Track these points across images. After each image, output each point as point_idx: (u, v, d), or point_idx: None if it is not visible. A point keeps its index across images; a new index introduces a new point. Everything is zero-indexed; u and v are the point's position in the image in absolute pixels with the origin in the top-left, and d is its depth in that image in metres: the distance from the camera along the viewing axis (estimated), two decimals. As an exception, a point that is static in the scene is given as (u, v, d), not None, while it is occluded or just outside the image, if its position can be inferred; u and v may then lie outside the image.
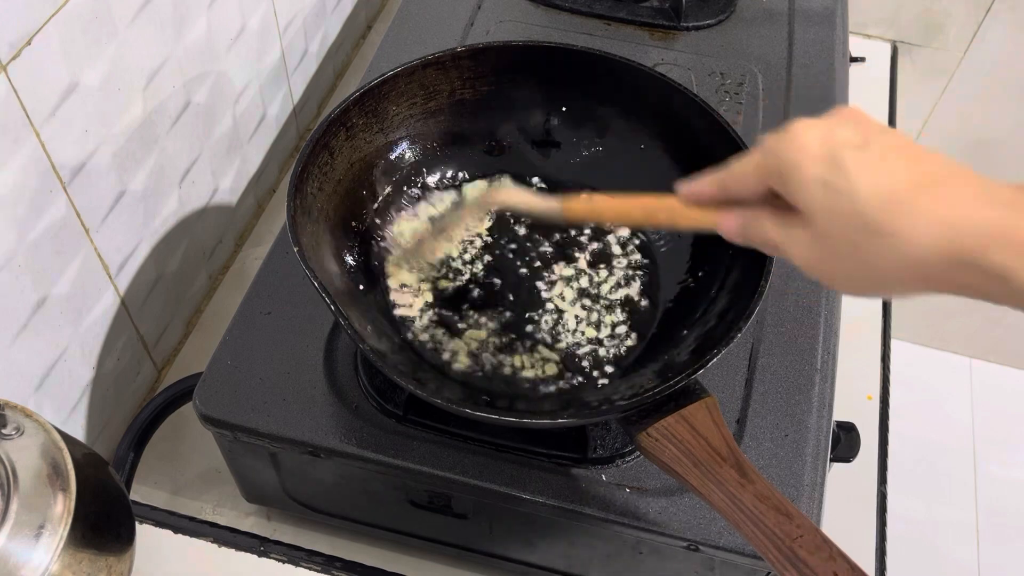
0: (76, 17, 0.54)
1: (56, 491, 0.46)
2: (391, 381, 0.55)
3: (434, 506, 0.58)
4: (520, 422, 0.52)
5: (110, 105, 0.60)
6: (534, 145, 0.69)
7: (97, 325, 0.65)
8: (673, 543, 0.54)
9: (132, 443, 0.65)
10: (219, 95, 0.74)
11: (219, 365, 0.59)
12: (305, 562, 0.60)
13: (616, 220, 0.50)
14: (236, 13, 0.74)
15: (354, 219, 0.62)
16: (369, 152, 0.63)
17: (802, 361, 0.61)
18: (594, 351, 0.59)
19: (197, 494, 0.69)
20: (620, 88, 0.65)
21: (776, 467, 0.56)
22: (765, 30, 0.86)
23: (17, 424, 0.47)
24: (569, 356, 0.59)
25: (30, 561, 0.44)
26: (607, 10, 0.86)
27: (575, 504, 0.54)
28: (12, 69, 0.50)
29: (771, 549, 0.42)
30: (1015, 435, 1.63)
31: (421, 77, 0.64)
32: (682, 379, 0.48)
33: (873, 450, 0.74)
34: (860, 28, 1.15)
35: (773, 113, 0.77)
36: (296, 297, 0.62)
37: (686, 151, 0.64)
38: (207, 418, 0.57)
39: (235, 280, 0.83)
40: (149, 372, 0.75)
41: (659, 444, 0.48)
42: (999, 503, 1.54)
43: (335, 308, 0.50)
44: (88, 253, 0.62)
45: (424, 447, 0.56)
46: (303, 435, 0.56)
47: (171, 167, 0.70)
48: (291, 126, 0.91)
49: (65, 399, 0.63)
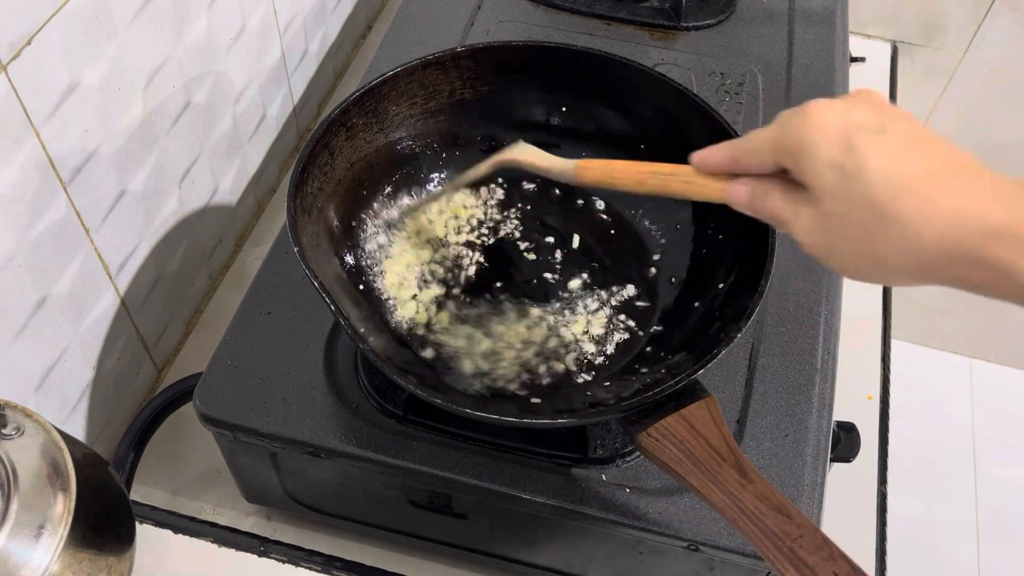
0: (76, 17, 0.54)
1: (56, 491, 0.46)
2: (391, 381, 0.55)
3: (434, 506, 0.58)
4: (520, 422, 0.52)
5: (110, 105, 0.60)
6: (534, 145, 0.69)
7: (97, 325, 0.65)
8: (673, 543, 0.54)
9: (132, 443, 0.65)
10: (219, 95, 0.74)
11: (219, 365, 0.59)
12: (305, 562, 0.60)
13: (629, 186, 0.50)
14: (236, 13, 0.74)
15: (354, 219, 0.62)
16: (369, 152, 0.63)
17: (802, 361, 0.61)
18: (597, 351, 0.59)
19: (197, 494, 0.69)
20: (620, 88, 0.65)
21: (776, 467, 0.56)
22: (765, 30, 0.86)
23: (17, 424, 0.47)
24: (571, 356, 0.59)
25: (30, 561, 0.44)
26: (607, 10, 0.86)
27: (575, 504, 0.54)
28: (12, 69, 0.50)
29: (771, 549, 0.42)
30: (1015, 435, 1.63)
31: (421, 77, 0.64)
32: (682, 379, 0.48)
33: (873, 450, 0.74)
34: (860, 28, 1.15)
35: (773, 113, 0.76)
36: (296, 297, 0.62)
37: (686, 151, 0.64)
38: (207, 418, 0.57)
39: (235, 280, 0.83)
40: (149, 372, 0.75)
41: (659, 444, 0.48)
42: (999, 503, 1.54)
43: (335, 308, 0.50)
44: (88, 253, 0.62)
45: (424, 447, 0.56)
46: (303, 435, 0.56)
47: (171, 167, 0.70)
48: (291, 126, 0.91)
49: (65, 399, 0.63)
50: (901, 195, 0.36)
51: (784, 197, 0.41)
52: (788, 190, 0.41)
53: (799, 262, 0.66)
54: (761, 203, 0.43)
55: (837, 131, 0.38)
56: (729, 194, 0.45)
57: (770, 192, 0.42)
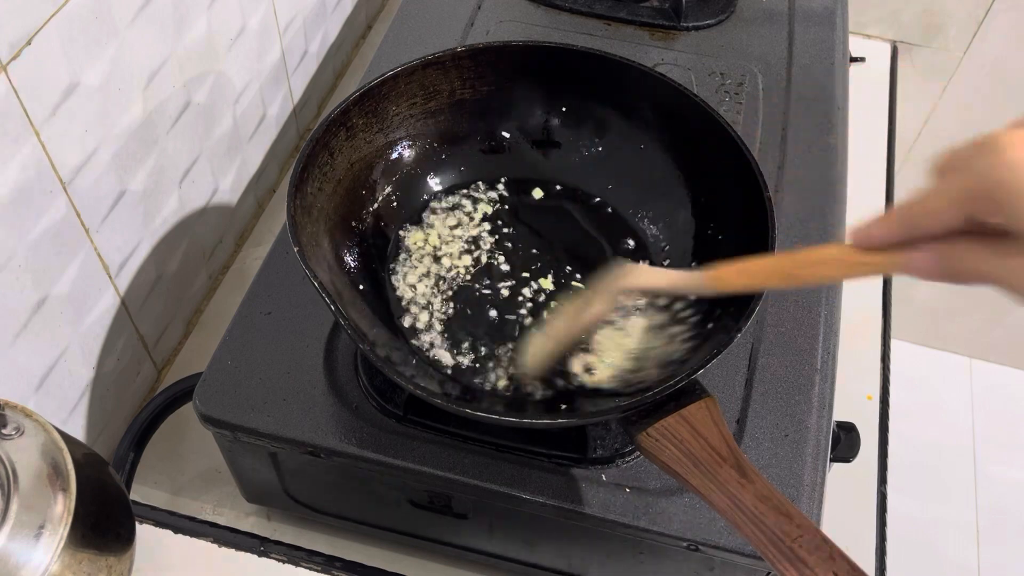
0: (76, 17, 0.54)
1: (56, 491, 0.46)
2: (391, 381, 0.55)
3: (434, 506, 0.58)
4: (520, 422, 0.52)
5: (110, 105, 0.60)
6: (534, 145, 0.69)
7: (97, 325, 0.65)
8: (673, 543, 0.54)
9: (132, 443, 0.65)
10: (219, 95, 0.74)
11: (219, 365, 0.59)
12: (305, 562, 0.60)
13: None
14: (236, 13, 0.74)
15: (354, 219, 0.62)
16: (369, 152, 0.63)
17: (802, 361, 0.61)
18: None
19: (197, 494, 0.69)
20: (620, 88, 0.65)
21: (776, 467, 0.56)
22: (765, 30, 0.86)
23: (17, 424, 0.47)
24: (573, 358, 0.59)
25: (30, 561, 0.44)
26: (607, 10, 0.86)
27: (575, 504, 0.54)
28: (12, 69, 0.50)
29: (771, 549, 0.42)
30: (1015, 435, 1.63)
31: (421, 77, 0.64)
32: (682, 379, 0.48)
33: (873, 450, 0.74)
34: (860, 28, 1.15)
35: (773, 113, 0.77)
36: (296, 297, 0.62)
37: (686, 151, 0.64)
38: (207, 418, 0.57)
39: (235, 280, 0.83)
40: (149, 372, 0.75)
41: (659, 444, 0.48)
42: (999, 503, 1.54)
43: (335, 308, 0.50)
44: (88, 253, 0.62)
45: (424, 447, 0.56)
46: (303, 435, 0.56)
47: (171, 167, 0.70)
48: (291, 126, 0.91)
49: (65, 399, 0.63)
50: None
51: (985, 253, 0.35)
52: (986, 244, 0.35)
53: (799, 262, 0.66)
54: (959, 267, 0.37)
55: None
56: (910, 267, 0.38)
57: (965, 253, 0.36)
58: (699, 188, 0.63)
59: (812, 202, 0.70)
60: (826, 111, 0.78)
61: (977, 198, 0.34)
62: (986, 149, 0.34)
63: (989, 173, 0.33)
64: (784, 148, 0.74)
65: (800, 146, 0.74)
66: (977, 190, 0.34)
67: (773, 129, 0.75)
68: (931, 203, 0.36)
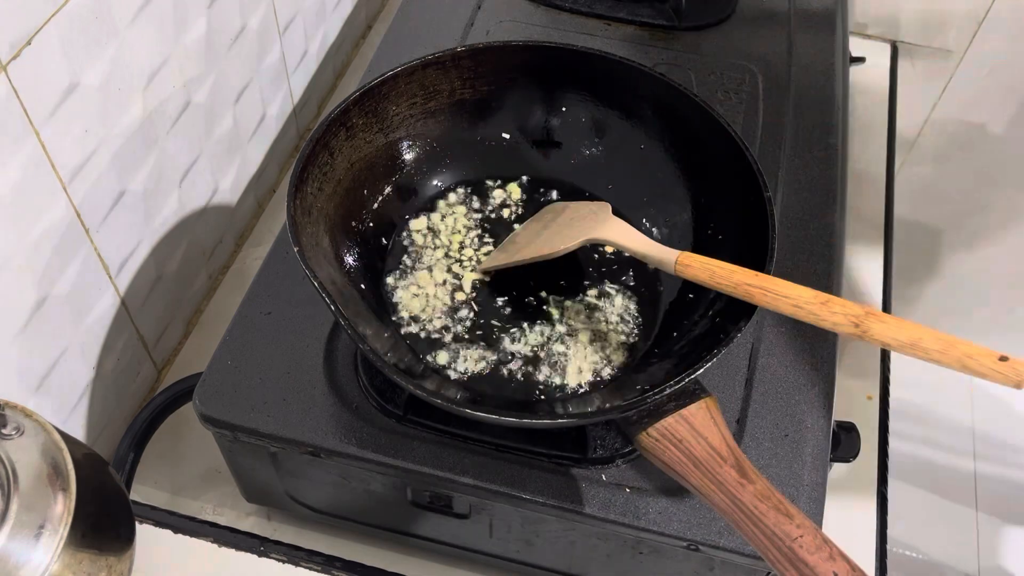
0: (76, 17, 0.54)
1: (56, 491, 0.46)
2: (391, 381, 0.55)
3: (434, 506, 0.58)
4: (520, 422, 0.52)
5: (110, 105, 0.60)
6: (534, 145, 0.69)
7: (97, 325, 0.65)
8: (673, 543, 0.54)
9: (132, 443, 0.65)
10: (219, 95, 0.74)
11: (219, 365, 0.59)
12: (305, 562, 0.60)
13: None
14: (236, 13, 0.74)
15: (354, 219, 0.62)
16: (369, 152, 0.63)
17: (802, 361, 0.61)
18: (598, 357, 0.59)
19: (197, 494, 0.69)
20: (620, 88, 0.65)
21: (776, 467, 0.56)
22: (765, 30, 0.86)
23: (17, 424, 0.47)
24: None
25: (30, 561, 0.44)
26: (607, 10, 0.86)
27: (575, 504, 0.54)
28: (12, 69, 0.50)
29: (771, 549, 0.42)
30: (1015, 435, 1.63)
31: (421, 77, 0.64)
32: (682, 379, 0.48)
33: (873, 450, 0.74)
34: (860, 28, 1.15)
35: (773, 113, 0.77)
36: (296, 297, 0.62)
37: (686, 151, 0.64)
38: (207, 418, 0.57)
39: (235, 280, 0.83)
40: (149, 372, 0.75)
41: (659, 444, 0.48)
42: (999, 502, 1.54)
43: (335, 308, 0.50)
44: (88, 253, 0.62)
45: (424, 447, 0.56)
46: (303, 435, 0.56)
47: (171, 167, 0.70)
48: (291, 126, 0.91)
49: (65, 399, 0.63)
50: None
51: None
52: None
53: (798, 262, 0.66)
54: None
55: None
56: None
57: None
58: (699, 188, 0.64)
59: (812, 202, 0.70)
60: (826, 111, 0.78)
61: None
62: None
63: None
64: (784, 148, 0.74)
65: (800, 146, 0.74)
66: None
67: (773, 129, 0.75)
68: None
